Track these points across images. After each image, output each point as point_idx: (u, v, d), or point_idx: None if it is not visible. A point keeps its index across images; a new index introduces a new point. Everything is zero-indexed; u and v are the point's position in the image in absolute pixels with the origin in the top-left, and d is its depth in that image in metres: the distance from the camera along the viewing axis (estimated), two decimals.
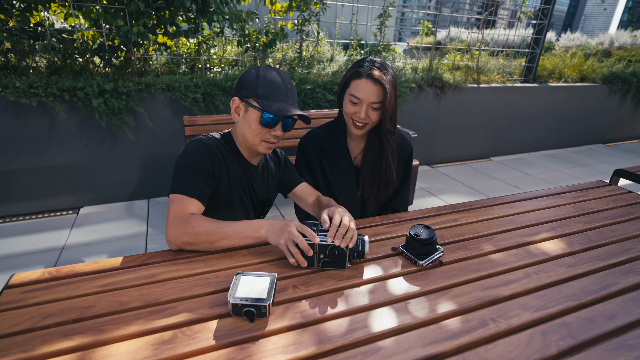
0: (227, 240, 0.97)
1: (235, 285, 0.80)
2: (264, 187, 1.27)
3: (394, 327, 0.75)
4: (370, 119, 1.23)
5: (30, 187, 2.59)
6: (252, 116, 1.07)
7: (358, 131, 1.26)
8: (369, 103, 1.20)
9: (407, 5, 51.33)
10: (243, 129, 1.10)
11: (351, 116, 1.24)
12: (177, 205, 1.00)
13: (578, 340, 0.74)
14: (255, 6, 3.28)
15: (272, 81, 1.06)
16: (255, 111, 1.06)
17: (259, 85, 1.06)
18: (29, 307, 0.78)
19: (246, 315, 0.76)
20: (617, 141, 5.50)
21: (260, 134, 1.09)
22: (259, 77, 1.06)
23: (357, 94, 1.19)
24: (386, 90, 1.17)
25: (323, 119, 2.98)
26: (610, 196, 1.48)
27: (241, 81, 1.09)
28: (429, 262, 0.97)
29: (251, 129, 1.08)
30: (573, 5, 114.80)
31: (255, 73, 1.07)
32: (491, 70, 4.48)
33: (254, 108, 1.06)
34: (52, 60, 2.63)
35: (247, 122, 1.08)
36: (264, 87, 1.05)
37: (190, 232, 0.95)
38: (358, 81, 1.19)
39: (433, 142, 4.03)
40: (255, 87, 1.06)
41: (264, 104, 1.05)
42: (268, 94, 1.05)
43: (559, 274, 0.95)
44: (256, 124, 1.07)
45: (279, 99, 1.06)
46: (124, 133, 2.69)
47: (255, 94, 1.05)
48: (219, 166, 1.10)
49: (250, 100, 1.06)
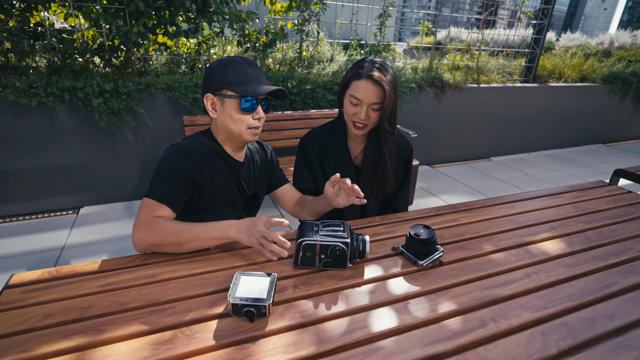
0: (195, 242, 0.96)
1: (235, 285, 0.80)
2: (252, 181, 1.25)
3: (394, 327, 0.75)
4: (371, 119, 1.23)
5: (30, 187, 2.59)
6: (231, 106, 1.06)
7: (358, 132, 1.26)
8: (369, 104, 1.20)
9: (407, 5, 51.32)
10: (224, 122, 1.09)
11: (351, 117, 1.24)
12: (147, 209, 0.99)
13: (578, 340, 0.74)
14: (255, 6, 3.28)
15: (240, 67, 1.06)
16: (233, 100, 1.06)
17: (228, 75, 1.05)
18: (29, 307, 0.78)
19: (246, 315, 0.76)
20: (617, 141, 5.50)
21: (243, 121, 1.08)
22: (226, 67, 1.05)
23: (358, 95, 1.19)
24: (386, 91, 1.17)
25: (323, 119, 2.98)
26: (610, 196, 1.48)
27: (208, 76, 1.08)
28: (429, 262, 0.97)
29: (233, 118, 1.07)
30: (573, 5, 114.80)
31: (220, 64, 1.07)
32: (491, 70, 4.48)
33: (231, 97, 1.05)
34: (52, 60, 2.63)
35: (226, 114, 1.07)
36: (233, 74, 1.05)
37: (157, 234, 0.94)
38: (358, 82, 1.19)
39: (433, 142, 4.03)
40: (225, 77, 1.05)
41: (238, 90, 1.04)
42: (239, 80, 1.05)
43: (559, 274, 0.95)
44: (237, 113, 1.06)
45: (251, 82, 1.06)
46: (124, 133, 2.69)
47: (228, 83, 1.05)
48: (200, 170, 1.08)
49: (223, 91, 1.06)
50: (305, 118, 2.92)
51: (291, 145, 2.86)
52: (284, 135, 2.84)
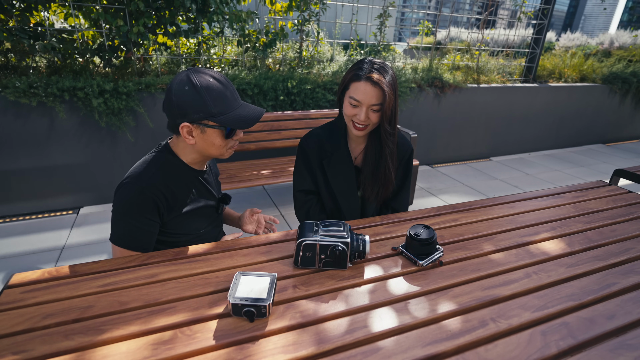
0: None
1: (235, 285, 0.80)
2: (216, 185, 1.27)
3: (394, 327, 0.75)
4: (371, 120, 1.23)
5: (30, 187, 2.59)
6: (213, 135, 1.02)
7: (359, 132, 1.26)
8: (369, 105, 1.20)
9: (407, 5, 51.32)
10: (204, 147, 1.05)
11: (351, 118, 1.24)
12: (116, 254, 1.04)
13: (578, 340, 0.74)
14: (255, 6, 3.28)
15: (217, 92, 0.98)
16: (215, 130, 1.01)
17: (207, 104, 0.96)
18: (29, 307, 0.78)
19: (246, 315, 0.76)
20: (617, 141, 5.50)
21: (226, 145, 1.06)
22: (202, 95, 0.96)
23: (357, 96, 1.19)
24: (385, 92, 1.17)
25: (323, 119, 2.98)
26: (610, 196, 1.48)
27: (181, 105, 0.97)
28: (429, 262, 0.97)
29: (215, 145, 1.04)
30: (573, 5, 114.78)
31: (193, 91, 0.96)
32: (491, 70, 4.48)
33: (213, 127, 1.00)
34: (52, 60, 2.63)
35: (208, 142, 1.03)
36: (214, 104, 0.97)
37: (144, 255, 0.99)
38: (357, 84, 1.19)
39: (433, 142, 4.03)
40: (206, 108, 0.97)
41: (222, 120, 0.99)
42: (222, 110, 0.98)
43: (559, 274, 0.95)
44: (220, 140, 1.03)
45: (232, 107, 1.01)
46: (124, 133, 2.69)
47: (209, 114, 0.97)
48: (164, 200, 1.04)
49: (205, 122, 0.99)
50: (305, 118, 2.92)
51: (291, 145, 2.86)
52: (284, 135, 2.84)
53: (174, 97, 0.98)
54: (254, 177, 2.53)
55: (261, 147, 2.78)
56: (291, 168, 2.69)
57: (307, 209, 1.42)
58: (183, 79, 0.97)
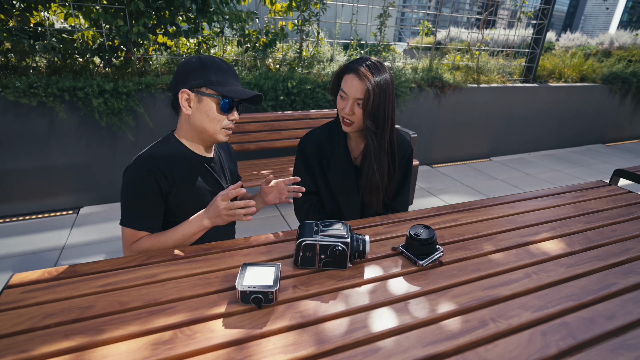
0: (180, 245, 1.06)
1: (243, 274, 0.83)
2: (224, 174, 1.27)
3: (394, 327, 0.75)
4: (356, 115, 1.22)
5: (30, 187, 2.59)
6: (209, 104, 1.05)
7: (346, 128, 1.26)
8: (355, 99, 1.19)
9: (407, 5, 51.30)
10: (200, 120, 1.07)
11: (340, 112, 1.25)
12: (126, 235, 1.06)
13: (578, 340, 0.74)
14: (255, 6, 3.28)
15: (220, 67, 1.05)
16: (212, 99, 1.04)
17: (209, 73, 1.03)
18: (29, 307, 0.78)
19: (254, 302, 0.78)
20: (617, 141, 5.50)
21: (220, 121, 1.07)
22: (207, 66, 1.03)
23: (344, 88, 1.20)
24: (367, 88, 1.16)
25: (323, 119, 2.98)
26: (610, 196, 1.48)
27: (185, 72, 1.04)
28: (429, 262, 0.97)
29: (210, 117, 1.06)
30: (573, 5, 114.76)
31: (200, 62, 1.04)
32: (491, 70, 4.48)
33: (211, 96, 1.04)
34: (52, 60, 2.63)
35: (203, 112, 1.06)
36: (215, 74, 1.03)
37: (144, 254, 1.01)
38: (347, 76, 1.20)
39: (433, 142, 4.03)
40: (207, 75, 1.03)
41: (220, 90, 1.03)
42: (220, 80, 1.04)
43: (559, 274, 0.95)
44: (215, 112, 1.06)
45: (230, 83, 1.06)
46: (124, 133, 2.69)
47: (209, 82, 1.03)
48: (168, 181, 1.07)
49: (203, 89, 1.04)
50: (305, 118, 2.92)
51: (291, 145, 2.86)
52: (284, 135, 2.84)
53: (181, 67, 1.06)
54: (254, 177, 2.53)
55: (261, 147, 2.78)
56: (291, 168, 2.69)
57: (307, 209, 1.42)
58: (193, 56, 1.08)
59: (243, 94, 1.05)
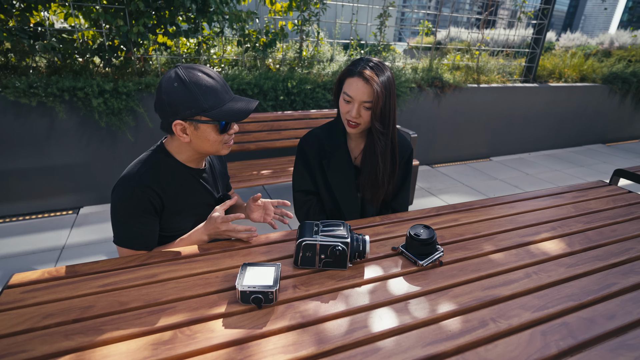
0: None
1: (243, 274, 0.83)
2: (216, 184, 1.26)
3: (394, 327, 0.75)
4: (363, 118, 1.22)
5: (30, 187, 2.59)
6: (207, 130, 1.00)
7: (351, 130, 1.26)
8: (361, 102, 1.19)
9: (407, 5, 51.29)
10: (199, 145, 1.04)
11: (345, 115, 1.24)
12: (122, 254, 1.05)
13: (578, 340, 0.74)
14: (255, 6, 3.28)
15: (207, 86, 0.96)
16: (209, 125, 1.00)
17: (198, 99, 0.95)
18: (29, 307, 0.78)
19: (254, 302, 0.78)
20: (617, 141, 5.50)
21: (221, 140, 1.04)
22: (191, 89, 0.94)
23: (349, 92, 1.20)
24: (374, 90, 1.16)
25: (323, 119, 2.98)
26: (610, 196, 1.48)
27: (172, 102, 0.96)
28: (429, 262, 0.97)
29: (210, 141, 1.03)
30: (573, 5, 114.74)
31: (183, 87, 0.94)
32: (491, 70, 4.48)
33: (207, 122, 0.99)
34: (52, 60, 2.62)
35: (202, 138, 1.02)
36: (205, 99, 0.96)
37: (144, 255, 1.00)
38: (351, 79, 1.19)
39: (433, 142, 4.03)
40: (197, 103, 0.95)
41: (215, 115, 0.97)
42: (213, 103, 0.97)
43: (559, 274, 0.95)
44: (214, 136, 1.02)
45: (224, 100, 1.00)
46: (124, 133, 2.69)
47: (201, 109, 0.96)
48: (160, 200, 1.05)
49: (197, 118, 0.98)
50: (305, 118, 2.92)
51: (291, 145, 2.86)
52: (284, 135, 2.84)
53: (164, 96, 0.96)
54: (254, 177, 2.53)
55: (261, 147, 2.78)
56: (291, 168, 2.69)
57: (307, 209, 1.42)
58: (171, 76, 0.96)
59: (239, 114, 1.00)
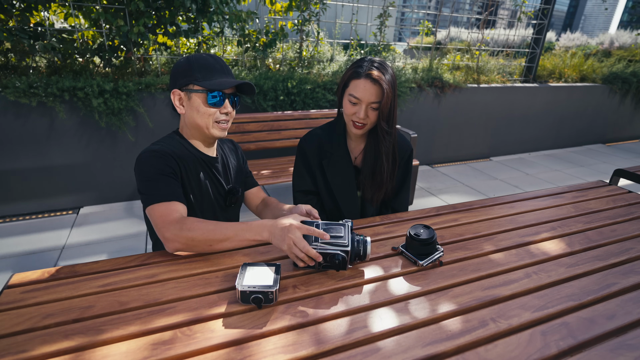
0: (227, 242, 0.95)
1: (243, 274, 0.83)
2: (228, 176, 1.26)
3: (394, 327, 0.75)
4: (370, 119, 1.23)
5: (30, 187, 2.59)
6: (197, 100, 1.07)
7: (357, 131, 1.26)
8: (368, 103, 1.20)
9: (407, 5, 51.27)
10: (192, 116, 1.09)
11: (351, 117, 1.24)
12: (162, 212, 0.97)
13: (578, 340, 0.74)
14: (255, 6, 3.28)
15: (205, 62, 1.07)
16: (199, 95, 1.06)
17: (193, 70, 1.06)
18: (29, 307, 0.78)
19: (254, 301, 0.78)
20: (617, 141, 5.50)
21: (210, 115, 1.08)
22: (191, 63, 1.06)
23: (357, 94, 1.19)
24: (384, 90, 1.17)
25: (323, 119, 2.98)
26: (610, 196, 1.48)
27: (174, 73, 1.09)
28: (429, 262, 0.97)
29: (200, 112, 1.08)
30: (573, 5, 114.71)
31: (186, 61, 1.07)
32: (491, 70, 4.48)
33: (196, 92, 1.06)
34: (52, 60, 2.62)
35: (193, 108, 1.08)
36: (199, 69, 1.06)
37: (186, 235, 0.93)
38: (357, 81, 1.19)
39: (433, 142, 4.03)
40: (191, 72, 1.06)
41: (205, 84, 1.05)
42: (205, 75, 1.06)
43: (559, 274, 0.95)
44: (204, 107, 1.07)
45: (217, 76, 1.07)
46: (124, 133, 2.69)
47: (193, 79, 1.05)
48: (178, 168, 1.09)
49: (189, 86, 1.07)
50: (305, 118, 2.92)
51: (291, 145, 2.86)
52: (284, 135, 2.84)
53: (172, 70, 1.11)
54: (254, 177, 2.52)
55: (261, 147, 2.78)
56: (291, 168, 2.69)
57: None
58: (183, 57, 1.10)
59: (226, 84, 1.06)
